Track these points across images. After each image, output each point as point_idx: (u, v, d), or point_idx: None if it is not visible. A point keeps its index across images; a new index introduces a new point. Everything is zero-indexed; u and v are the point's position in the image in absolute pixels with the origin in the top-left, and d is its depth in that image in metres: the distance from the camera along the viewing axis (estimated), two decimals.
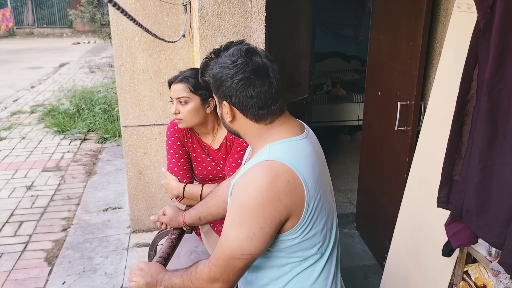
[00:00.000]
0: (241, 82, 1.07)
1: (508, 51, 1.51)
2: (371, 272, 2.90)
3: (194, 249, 2.00)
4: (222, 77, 1.09)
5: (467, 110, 1.74)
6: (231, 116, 1.13)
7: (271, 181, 1.02)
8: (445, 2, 2.23)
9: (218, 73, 1.10)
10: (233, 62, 1.08)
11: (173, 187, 1.82)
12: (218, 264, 1.08)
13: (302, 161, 1.08)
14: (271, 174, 1.03)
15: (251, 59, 1.08)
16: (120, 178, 4.37)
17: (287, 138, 1.11)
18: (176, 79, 1.75)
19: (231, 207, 1.09)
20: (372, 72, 3.00)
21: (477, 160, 1.64)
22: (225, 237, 1.08)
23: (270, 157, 1.06)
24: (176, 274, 1.20)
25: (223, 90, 1.10)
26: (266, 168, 1.05)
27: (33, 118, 6.61)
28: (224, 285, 1.09)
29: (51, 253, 3.15)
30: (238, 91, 1.08)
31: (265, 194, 1.02)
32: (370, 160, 3.09)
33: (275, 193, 1.02)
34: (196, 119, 1.76)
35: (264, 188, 1.02)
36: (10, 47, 14.69)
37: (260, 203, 1.02)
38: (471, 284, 1.90)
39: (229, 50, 1.11)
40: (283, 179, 1.03)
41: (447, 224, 1.87)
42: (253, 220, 1.03)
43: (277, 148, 1.09)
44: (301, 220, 1.07)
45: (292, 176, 1.04)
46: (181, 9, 3.00)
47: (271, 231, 1.05)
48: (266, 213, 1.03)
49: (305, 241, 1.11)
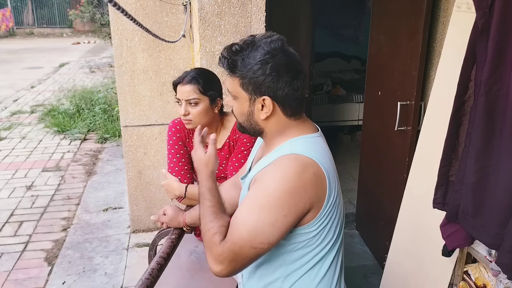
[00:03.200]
0: (288, 74, 1.05)
1: (506, 51, 1.51)
2: (371, 272, 2.90)
3: (194, 249, 2.01)
4: (267, 72, 1.04)
5: (464, 110, 1.74)
6: (268, 113, 1.09)
7: (299, 171, 1.03)
8: (445, 2, 2.23)
9: (259, 68, 1.05)
10: (274, 56, 1.04)
11: (175, 187, 1.81)
12: (234, 250, 1.03)
13: (323, 156, 1.10)
14: (300, 165, 1.04)
15: (289, 51, 1.07)
16: (120, 178, 4.37)
17: (306, 134, 1.13)
18: (184, 80, 1.72)
19: (254, 193, 1.07)
20: (372, 72, 3.00)
21: (474, 161, 1.63)
22: (244, 221, 1.04)
23: (294, 151, 1.07)
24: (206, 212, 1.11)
25: (267, 85, 1.06)
26: (293, 159, 1.05)
27: (33, 118, 6.61)
28: (228, 271, 1.05)
29: (51, 253, 3.15)
30: (286, 84, 1.06)
31: (292, 183, 1.02)
32: (370, 160, 3.09)
33: (302, 183, 1.03)
34: (205, 120, 1.75)
35: (292, 177, 1.03)
36: (10, 47, 14.69)
37: (287, 191, 1.02)
38: (471, 284, 1.90)
39: (259, 43, 1.06)
40: (310, 170, 1.04)
41: (443, 225, 1.87)
42: (278, 207, 1.02)
43: (299, 143, 1.10)
44: (320, 212, 1.08)
45: (317, 169, 1.06)
46: (181, 9, 3.00)
47: (293, 221, 1.05)
48: (291, 202, 1.02)
49: (320, 234, 1.11)
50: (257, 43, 1.07)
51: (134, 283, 2.70)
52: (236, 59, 1.07)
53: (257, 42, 1.07)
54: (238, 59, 1.07)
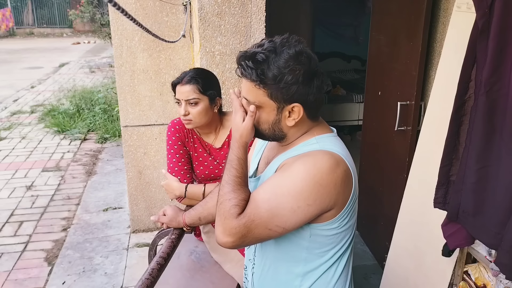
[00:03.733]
0: (317, 78, 1.04)
1: (506, 51, 1.51)
2: (371, 272, 2.90)
3: (194, 249, 2.01)
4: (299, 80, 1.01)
5: (464, 110, 1.74)
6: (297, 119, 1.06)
7: (333, 166, 1.02)
8: (445, 2, 2.23)
9: (291, 78, 1.01)
10: (300, 62, 1.01)
11: (175, 188, 1.81)
12: (249, 226, 1.01)
13: (348, 155, 1.10)
14: (334, 161, 1.03)
15: (310, 54, 1.05)
16: (120, 178, 4.37)
17: (328, 133, 1.13)
18: (183, 80, 1.72)
19: (281, 176, 1.05)
20: (372, 72, 3.00)
21: (474, 161, 1.63)
22: (267, 200, 1.01)
23: (323, 147, 1.06)
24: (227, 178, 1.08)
25: (300, 92, 1.02)
26: (328, 154, 1.04)
27: (33, 118, 6.61)
28: (235, 244, 1.03)
29: (51, 253, 3.15)
30: (315, 88, 1.04)
31: (325, 176, 1.01)
32: (370, 160, 3.09)
33: (334, 178, 1.02)
34: (205, 119, 1.76)
35: (326, 170, 1.01)
36: (10, 47, 14.69)
37: (317, 182, 1.00)
38: (471, 284, 1.90)
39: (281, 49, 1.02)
40: (342, 167, 1.04)
41: (444, 224, 1.87)
42: (304, 194, 1.00)
43: (326, 140, 1.09)
44: (343, 210, 1.07)
45: (347, 167, 1.05)
46: (181, 9, 3.00)
47: (314, 213, 1.03)
48: (319, 193, 1.01)
49: (340, 233, 1.11)
50: (278, 49, 1.02)
51: (134, 283, 2.70)
52: (264, 68, 1.01)
53: (278, 48, 1.02)
54: (265, 69, 1.01)
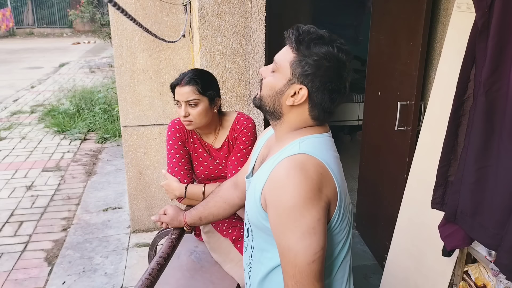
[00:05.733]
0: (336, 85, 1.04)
1: (505, 51, 1.51)
2: (371, 272, 2.90)
3: (194, 249, 2.01)
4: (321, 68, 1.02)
5: (463, 110, 1.74)
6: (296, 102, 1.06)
7: (306, 174, 1.00)
8: (445, 2, 2.23)
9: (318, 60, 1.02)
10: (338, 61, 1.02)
11: (175, 188, 1.81)
12: (297, 280, 0.99)
13: (329, 156, 1.08)
14: (304, 168, 1.01)
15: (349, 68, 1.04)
16: (120, 178, 4.37)
17: (316, 134, 1.11)
18: (182, 82, 1.71)
19: (275, 216, 1.03)
20: (372, 72, 3.00)
21: (473, 161, 1.63)
22: (287, 249, 1.00)
23: (301, 151, 1.05)
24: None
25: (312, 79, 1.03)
26: (296, 163, 1.02)
27: (33, 118, 6.61)
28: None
29: (51, 253, 3.15)
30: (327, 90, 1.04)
31: (307, 188, 0.99)
32: (370, 160, 3.09)
33: (314, 184, 1.00)
34: (205, 120, 1.76)
35: (303, 181, 0.99)
36: (10, 47, 14.69)
37: (306, 197, 0.98)
38: (471, 284, 1.90)
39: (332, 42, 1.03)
40: (316, 171, 1.01)
41: (441, 225, 1.87)
42: (307, 215, 0.98)
43: (307, 142, 1.08)
44: (335, 213, 1.05)
45: (323, 169, 1.03)
46: (181, 9, 3.00)
47: (326, 221, 1.02)
48: (316, 205, 0.99)
49: (334, 235, 1.09)
50: (330, 40, 1.03)
51: (134, 283, 2.71)
52: (306, 38, 1.03)
53: (330, 40, 1.03)
54: (306, 39, 1.03)
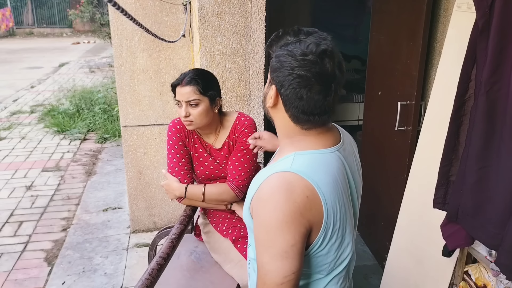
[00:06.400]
0: (298, 79, 0.97)
1: (506, 51, 1.51)
2: (371, 272, 2.89)
3: (194, 249, 2.01)
4: (283, 63, 0.98)
5: (464, 110, 1.74)
6: (273, 103, 1.04)
7: (289, 196, 0.95)
8: (446, 2, 2.22)
9: (282, 55, 0.99)
10: (303, 54, 0.97)
11: (175, 188, 1.81)
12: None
13: (324, 177, 1.00)
14: (289, 189, 0.96)
15: (322, 61, 0.97)
16: (120, 178, 4.37)
17: (314, 150, 1.03)
18: (182, 82, 1.71)
19: (256, 228, 1.01)
20: (372, 72, 3.00)
21: (474, 161, 1.63)
22: (260, 265, 0.98)
23: (292, 169, 0.98)
24: None
25: (278, 76, 1.00)
26: (283, 182, 0.97)
27: (32, 118, 6.61)
28: None
29: (51, 253, 3.15)
30: (291, 86, 0.98)
31: (286, 211, 0.94)
32: (370, 160, 3.09)
33: (296, 207, 0.95)
34: (206, 120, 1.76)
35: (284, 204, 0.94)
36: (10, 47, 14.68)
37: (283, 220, 0.94)
38: (472, 284, 1.90)
39: (308, 38, 0.99)
40: (302, 194, 0.96)
41: (443, 225, 1.87)
42: (281, 239, 0.95)
43: (302, 159, 1.01)
44: (317, 237, 1.00)
45: (312, 192, 0.97)
46: (181, 9, 2.99)
47: (303, 246, 0.97)
48: (292, 230, 0.95)
49: (315, 258, 1.04)
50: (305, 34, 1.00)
51: (134, 283, 2.70)
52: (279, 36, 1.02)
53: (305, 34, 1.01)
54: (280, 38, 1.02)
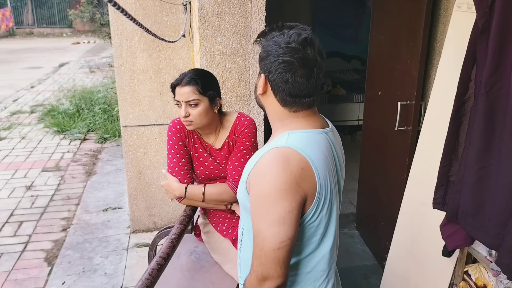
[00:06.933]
0: (283, 64, 1.10)
1: (506, 51, 1.51)
2: (371, 272, 2.90)
3: (194, 249, 2.01)
4: (270, 52, 1.12)
5: (464, 110, 1.74)
6: (263, 90, 1.17)
7: (286, 167, 1.05)
8: (446, 2, 2.22)
9: (269, 45, 1.12)
10: (287, 43, 1.10)
11: (175, 188, 1.81)
12: (261, 262, 1.06)
13: (317, 153, 1.11)
14: (286, 161, 1.06)
15: (304, 48, 1.10)
16: (120, 178, 4.37)
17: (307, 129, 1.15)
18: (182, 82, 1.71)
19: (253, 200, 1.10)
20: (372, 72, 3.00)
21: (474, 161, 1.63)
22: (258, 232, 1.07)
23: (288, 144, 1.09)
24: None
25: (266, 63, 1.13)
26: (280, 155, 1.07)
27: (32, 118, 6.61)
28: (277, 281, 1.06)
29: (51, 253, 3.15)
30: (277, 71, 1.11)
31: (283, 179, 1.04)
32: (370, 160, 3.09)
33: (292, 177, 1.05)
34: (205, 120, 1.76)
35: (281, 173, 1.05)
36: (10, 47, 14.68)
37: (281, 188, 1.04)
38: (472, 284, 1.90)
39: (292, 30, 1.13)
40: (297, 165, 1.06)
41: (443, 225, 1.87)
42: (279, 205, 1.04)
43: (296, 137, 1.12)
44: (311, 207, 1.09)
45: (306, 164, 1.07)
46: (181, 9, 2.99)
47: (298, 214, 1.07)
48: (289, 197, 1.05)
49: (309, 229, 1.13)
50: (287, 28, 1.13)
51: (134, 283, 2.70)
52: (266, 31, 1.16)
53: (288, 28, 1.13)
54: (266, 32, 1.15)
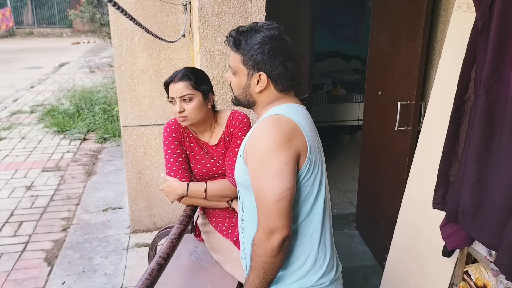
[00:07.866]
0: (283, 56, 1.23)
1: (506, 51, 1.51)
2: (371, 272, 2.90)
3: (194, 249, 2.00)
4: (265, 52, 1.22)
5: (464, 110, 1.74)
6: (262, 87, 1.26)
7: (278, 127, 1.18)
8: (446, 2, 2.22)
9: (259, 48, 1.22)
10: (272, 39, 1.22)
11: (176, 187, 1.81)
12: (266, 216, 1.14)
13: (302, 120, 1.24)
14: (277, 123, 1.19)
15: (284, 38, 1.25)
16: (120, 178, 4.37)
17: (289, 103, 1.29)
18: (175, 78, 1.75)
19: (252, 164, 1.19)
20: (372, 72, 3.00)
21: (473, 161, 1.63)
22: (259, 190, 1.16)
23: (276, 112, 1.23)
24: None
25: (264, 63, 1.23)
26: (271, 119, 1.20)
27: (32, 118, 6.61)
28: (283, 232, 1.14)
29: (51, 253, 3.15)
30: (280, 63, 1.23)
31: (277, 137, 1.16)
32: (370, 160, 3.09)
33: (285, 134, 1.17)
34: (200, 115, 1.78)
35: (275, 132, 1.16)
36: (10, 47, 14.69)
37: (276, 144, 1.15)
38: (471, 284, 1.90)
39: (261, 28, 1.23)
40: (288, 126, 1.19)
41: (442, 225, 1.87)
42: (275, 159, 1.14)
43: (282, 108, 1.26)
44: (305, 163, 1.19)
45: (295, 125, 1.20)
46: (181, 9, 2.99)
47: (295, 166, 1.17)
48: (284, 151, 1.15)
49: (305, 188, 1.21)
50: (259, 28, 1.24)
51: (134, 283, 2.70)
52: (241, 38, 1.25)
53: (259, 27, 1.25)
54: (242, 39, 1.24)
